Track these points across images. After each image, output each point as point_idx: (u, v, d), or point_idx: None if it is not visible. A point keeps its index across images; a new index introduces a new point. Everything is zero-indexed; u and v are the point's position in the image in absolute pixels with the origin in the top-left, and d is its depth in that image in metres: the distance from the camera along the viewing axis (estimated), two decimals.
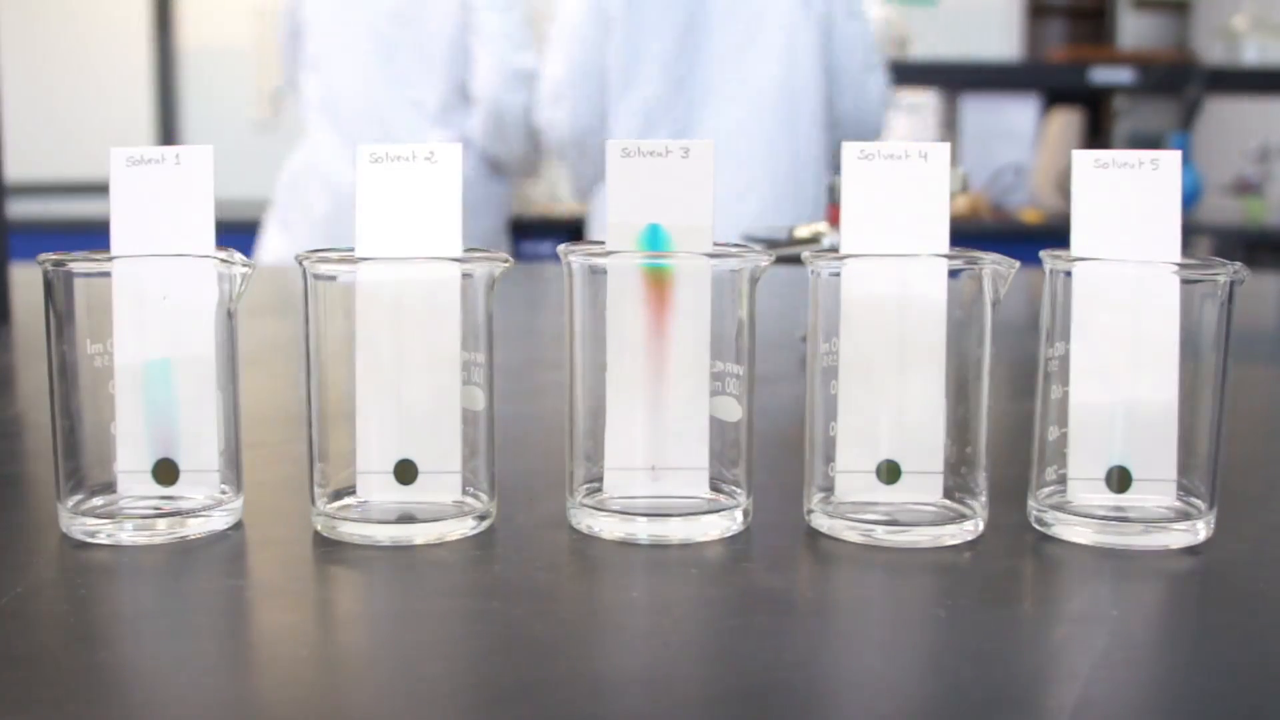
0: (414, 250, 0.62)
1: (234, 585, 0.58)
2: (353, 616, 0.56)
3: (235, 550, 0.62)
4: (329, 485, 0.63)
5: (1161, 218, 0.62)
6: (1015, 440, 0.70)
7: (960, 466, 0.63)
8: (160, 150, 0.63)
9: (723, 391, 0.63)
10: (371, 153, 0.62)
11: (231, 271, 0.63)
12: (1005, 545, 0.62)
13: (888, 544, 0.61)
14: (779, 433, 0.85)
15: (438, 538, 0.62)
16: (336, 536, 0.62)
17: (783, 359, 1.13)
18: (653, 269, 0.62)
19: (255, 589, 0.58)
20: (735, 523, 0.64)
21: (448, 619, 0.54)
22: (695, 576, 0.58)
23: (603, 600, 0.57)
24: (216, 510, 0.64)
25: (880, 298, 0.62)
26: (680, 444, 0.63)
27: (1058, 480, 0.64)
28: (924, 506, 0.63)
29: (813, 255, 0.63)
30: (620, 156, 0.62)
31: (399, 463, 0.62)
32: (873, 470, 0.62)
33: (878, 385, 0.62)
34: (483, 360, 0.63)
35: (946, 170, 0.62)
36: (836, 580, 0.60)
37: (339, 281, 0.62)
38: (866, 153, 0.62)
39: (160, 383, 0.62)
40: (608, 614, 0.55)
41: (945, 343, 0.62)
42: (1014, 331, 1.15)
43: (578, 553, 0.62)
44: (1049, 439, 0.64)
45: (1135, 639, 0.52)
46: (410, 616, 0.54)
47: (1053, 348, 0.63)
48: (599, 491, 0.64)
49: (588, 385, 0.63)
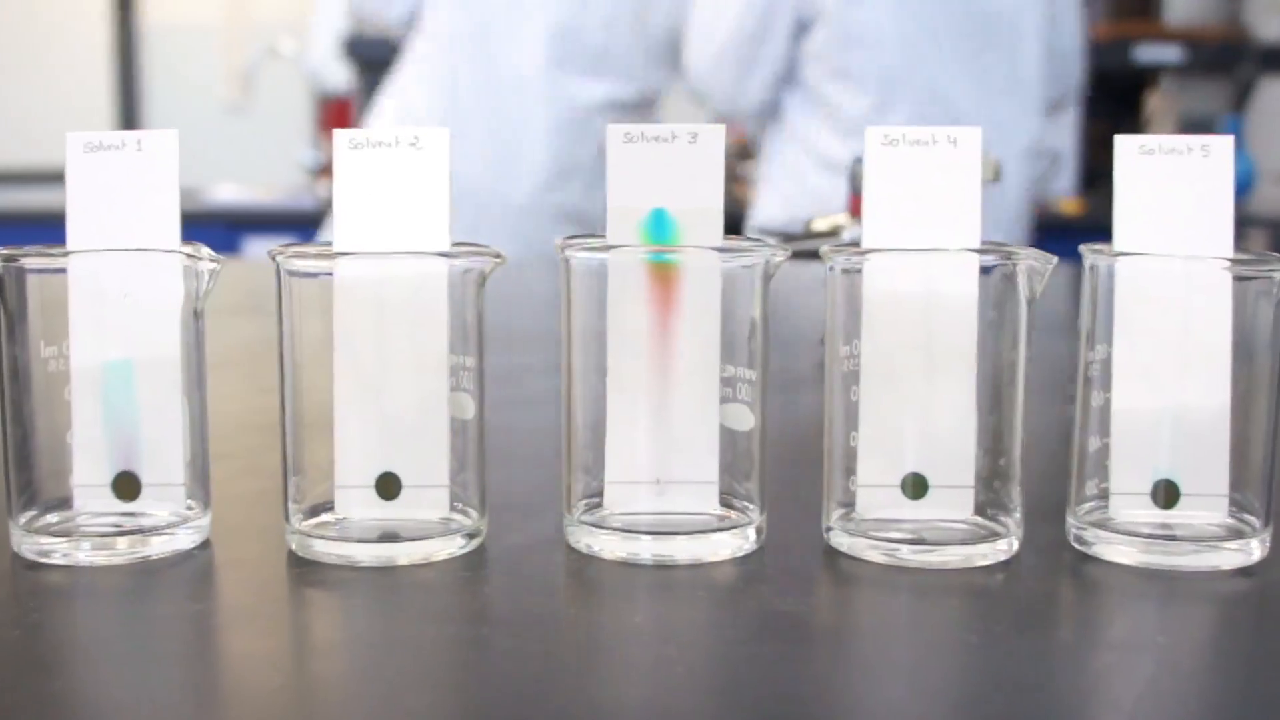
0: (397, 244, 0.62)
1: (201, 610, 0.58)
2: (330, 644, 0.56)
3: (202, 571, 0.62)
4: (305, 500, 0.63)
5: (1212, 208, 0.61)
6: (1053, 452, 0.70)
7: (993, 480, 0.63)
8: (121, 135, 0.63)
9: (734, 398, 0.63)
10: (350, 138, 0.62)
11: (198, 267, 0.63)
12: (1042, 566, 0.62)
13: (914, 565, 0.61)
14: (795, 443, 0.85)
15: (423, 558, 0.62)
16: (312, 556, 0.62)
17: (799, 363, 1.13)
18: (657, 264, 0.62)
19: (224, 614, 0.58)
20: (747, 541, 0.64)
21: (434, 647, 0.54)
22: (704, 600, 0.58)
23: (603, 626, 0.57)
24: (182, 528, 0.64)
25: (905, 296, 0.62)
26: (687, 455, 0.63)
27: (1099, 495, 0.64)
28: (953, 524, 0.62)
29: (832, 249, 0.63)
30: (623, 142, 0.62)
31: (381, 476, 0.62)
32: (897, 484, 0.62)
33: (903, 391, 0.62)
34: (472, 364, 0.63)
35: (978, 157, 0.62)
36: (858, 604, 0.60)
37: (316, 278, 0.62)
38: (890, 138, 0.62)
39: (121, 388, 0.62)
40: (608, 641, 0.55)
41: (976, 345, 0.62)
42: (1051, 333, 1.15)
43: (576, 574, 0.62)
44: (1089, 450, 0.64)
45: (1184, 668, 0.52)
46: (393, 644, 0.54)
47: (1093, 351, 0.63)
48: (599, 507, 0.64)
49: (587, 391, 0.63)
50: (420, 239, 0.62)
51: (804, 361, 1.13)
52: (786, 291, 0.95)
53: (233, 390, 1.01)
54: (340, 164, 0.62)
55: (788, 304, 1.30)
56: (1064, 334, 0.71)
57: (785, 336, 1.19)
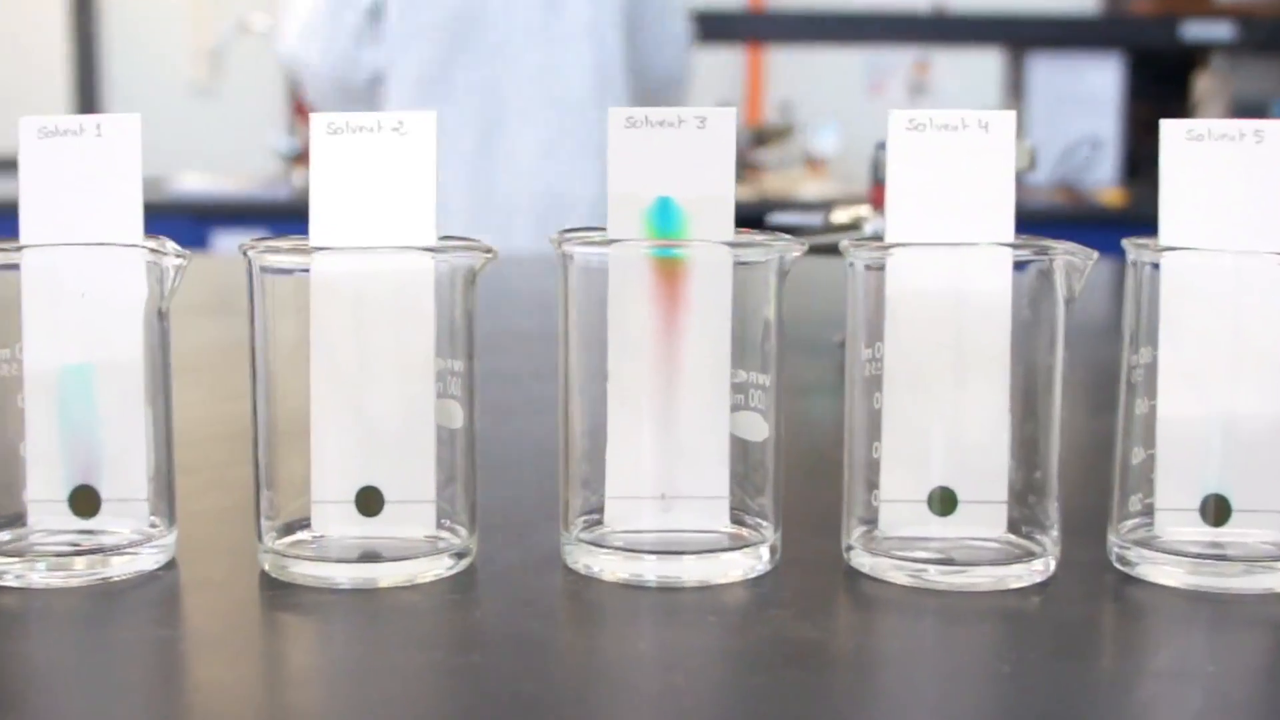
0: (380, 238, 0.62)
1: (166, 636, 0.58)
2: (306, 673, 0.56)
3: (167, 594, 0.62)
4: (279, 517, 0.63)
5: (1266, 199, 0.62)
6: (1093, 464, 0.70)
7: (1028, 495, 0.63)
8: (79, 119, 0.63)
9: (746, 406, 0.63)
10: (328, 122, 0.62)
11: (163, 263, 0.63)
12: (1081, 588, 0.62)
13: (942, 587, 0.62)
14: (812, 455, 0.85)
15: (407, 579, 0.62)
16: (287, 578, 0.62)
17: (817, 367, 1.13)
18: (663, 259, 0.62)
19: (191, 640, 0.58)
20: (761, 561, 0.64)
21: (420, 676, 0.54)
22: (713, 625, 0.59)
23: (604, 654, 0.57)
24: (145, 547, 0.64)
25: (932, 294, 0.62)
26: (695, 468, 0.63)
27: (1143, 511, 0.64)
28: (985, 542, 0.63)
29: (852, 244, 0.63)
30: (625, 127, 0.62)
31: (362, 490, 0.62)
32: (924, 499, 0.62)
33: (930, 398, 0.62)
34: (461, 369, 0.63)
35: (1012, 143, 0.63)
36: (881, 629, 0.60)
37: (291, 275, 0.62)
38: (916, 122, 0.63)
39: (79, 395, 0.63)
40: (609, 670, 0.55)
41: (1010, 348, 0.62)
42: (1091, 334, 1.15)
43: (574, 597, 0.62)
44: (1133, 462, 0.64)
45: (1235, 699, 0.52)
46: (375, 673, 0.54)
47: (1137, 354, 0.64)
48: (599, 525, 0.64)
49: (586, 398, 0.64)
50: (405, 232, 0.62)
51: (822, 366, 1.13)
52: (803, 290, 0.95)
53: (200, 397, 1.01)
54: (317, 151, 0.62)
55: (805, 303, 1.30)
56: (1105, 336, 0.71)
57: (802, 338, 1.19)
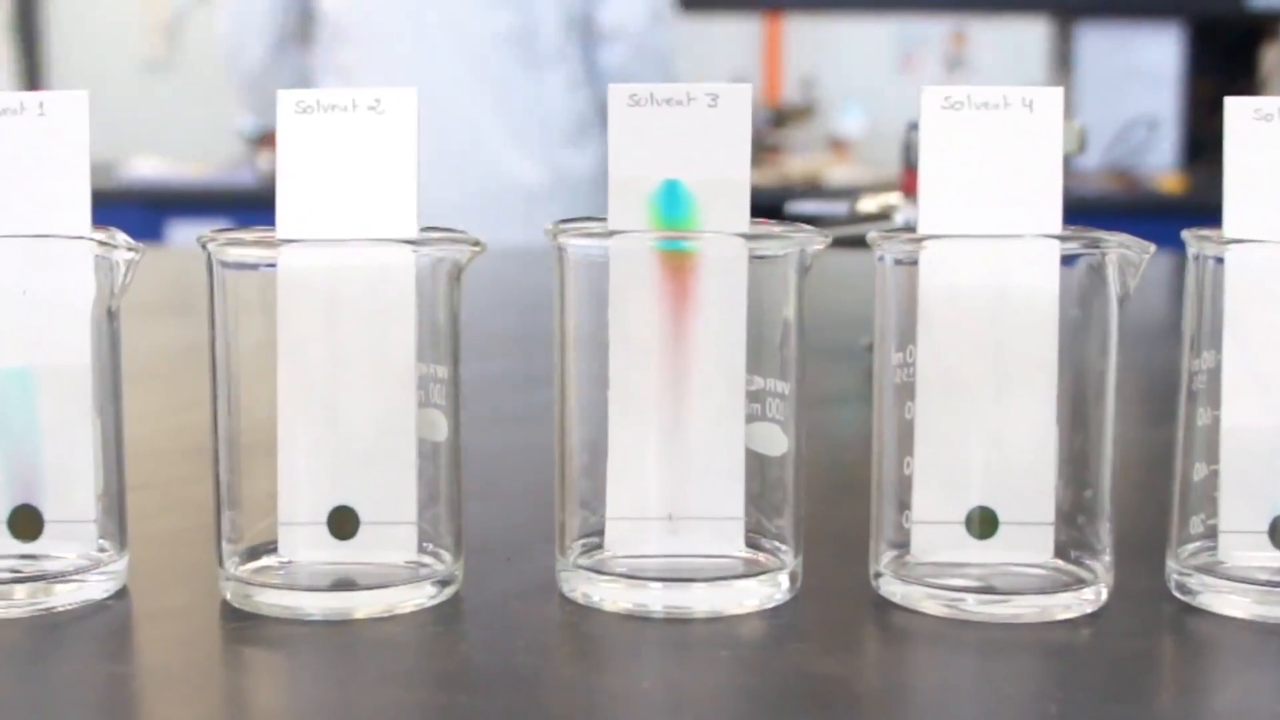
0: (354, 229, 0.62)
1: (116, 672, 0.58)
2: (272, 714, 0.56)
3: (118, 626, 0.62)
4: (242, 540, 0.63)
5: None
6: (1149, 481, 0.70)
7: (1077, 516, 0.63)
8: (19, 97, 0.63)
9: (763, 416, 0.63)
10: (297, 100, 0.62)
11: (113, 257, 0.63)
12: (1136, 619, 0.62)
13: (981, 618, 0.61)
14: (837, 471, 0.85)
15: (385, 610, 0.62)
16: (252, 608, 0.62)
17: (842, 374, 1.13)
18: (670, 253, 0.62)
19: (144, 677, 0.58)
20: (779, 590, 0.64)
21: (398, 717, 0.54)
22: (726, 661, 0.58)
23: (604, 693, 0.57)
24: (93, 573, 0.64)
25: (971, 292, 0.62)
26: (706, 486, 0.63)
27: (1206, 534, 0.64)
28: (1029, 569, 0.63)
29: (882, 236, 0.63)
30: (626, 105, 0.62)
31: (334, 511, 0.62)
32: (961, 520, 0.62)
33: (968, 408, 0.62)
34: (445, 375, 0.63)
35: (1059, 123, 0.63)
36: (913, 666, 0.60)
37: (256, 271, 0.62)
38: (953, 100, 0.62)
39: (18, 404, 0.63)
40: (610, 711, 0.55)
41: (1057, 351, 0.62)
42: (1148, 336, 1.15)
43: (571, 630, 0.62)
44: (1194, 479, 0.64)
45: None
46: (349, 714, 0.54)
47: (1199, 358, 0.63)
48: (599, 549, 0.64)
49: (584, 408, 0.63)
50: (382, 223, 0.62)
51: (848, 372, 1.13)
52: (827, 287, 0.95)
53: (155, 406, 1.01)
54: (285, 132, 0.62)
55: (828, 302, 1.30)
56: (1163, 338, 0.71)
57: (825, 342, 1.19)
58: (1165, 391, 0.68)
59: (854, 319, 1.25)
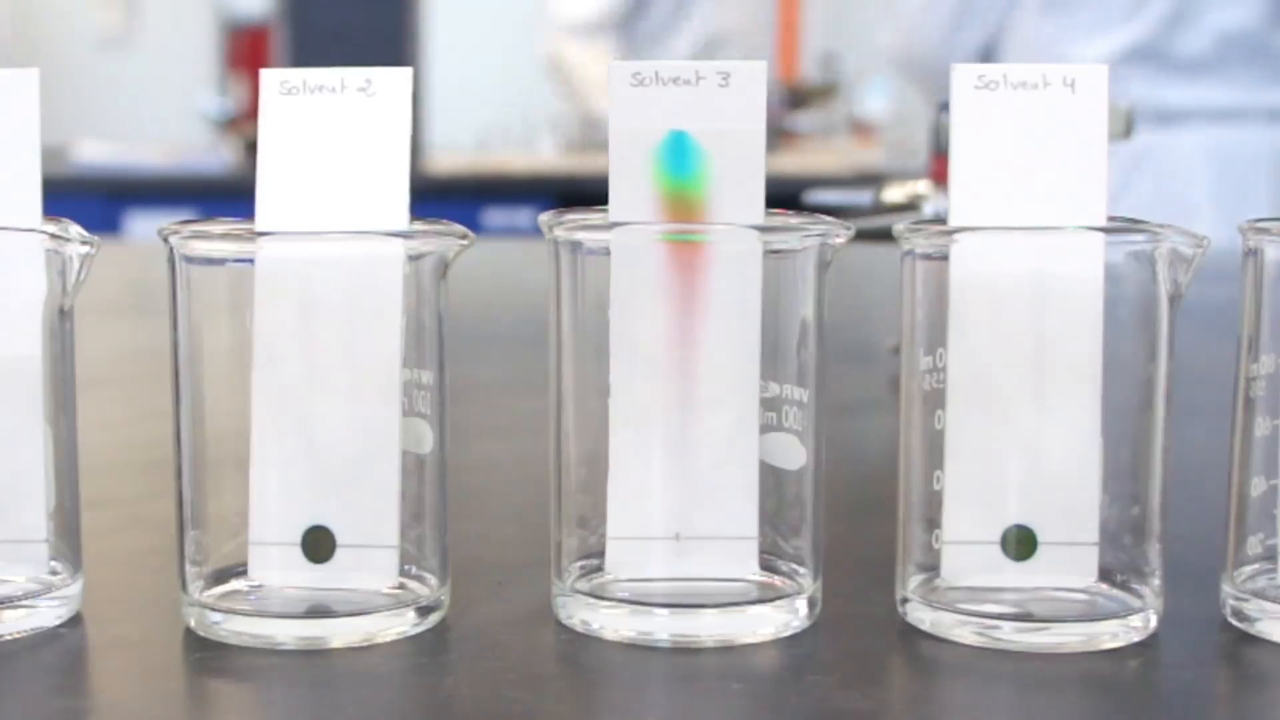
0: (336, 221, 0.62)
1: (69, 707, 0.58)
2: None
3: (71, 656, 0.62)
4: (208, 562, 0.63)
5: None
6: (1203, 497, 0.70)
7: (1123, 535, 0.63)
8: None
9: (779, 426, 0.63)
10: (282, 80, 0.62)
11: (65, 251, 0.63)
12: (1189, 649, 0.62)
13: (1018, 647, 0.61)
14: (860, 486, 0.85)
15: (364, 638, 0.62)
16: (218, 636, 0.62)
17: (866, 379, 1.13)
18: (678, 246, 0.62)
19: (101, 713, 0.58)
20: (796, 616, 0.64)
21: None
22: (739, 695, 0.59)
23: None
24: (44, 598, 0.64)
25: (1007, 290, 0.62)
26: (717, 502, 0.63)
27: (1265, 555, 0.64)
28: (1071, 594, 0.63)
29: (909, 229, 0.63)
30: (630, 84, 0.62)
31: (309, 531, 0.62)
32: (996, 541, 0.62)
33: (1003, 417, 0.62)
34: (431, 381, 0.63)
35: (1104, 105, 0.63)
36: (943, 700, 0.60)
37: (224, 266, 0.62)
38: (987, 79, 0.62)
39: None
40: None
41: (1101, 356, 0.62)
42: (1201, 338, 1.15)
43: (568, 660, 0.62)
44: (1252, 495, 0.64)
45: None
46: None
47: (1257, 362, 0.63)
48: (599, 571, 0.64)
49: (583, 417, 0.64)
50: (369, 214, 0.62)
51: (872, 377, 1.13)
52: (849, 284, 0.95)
53: (113, 415, 1.01)
54: (268, 115, 0.62)
55: (851, 301, 1.30)
56: (1218, 340, 0.71)
57: (847, 344, 1.19)
58: (1220, 399, 0.68)
59: (879, 319, 1.25)
